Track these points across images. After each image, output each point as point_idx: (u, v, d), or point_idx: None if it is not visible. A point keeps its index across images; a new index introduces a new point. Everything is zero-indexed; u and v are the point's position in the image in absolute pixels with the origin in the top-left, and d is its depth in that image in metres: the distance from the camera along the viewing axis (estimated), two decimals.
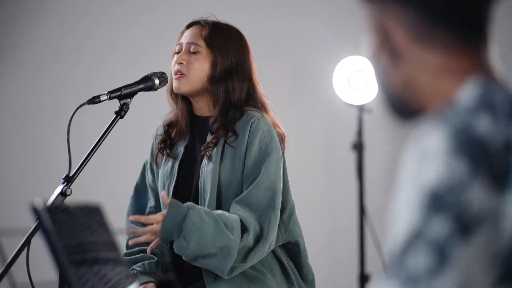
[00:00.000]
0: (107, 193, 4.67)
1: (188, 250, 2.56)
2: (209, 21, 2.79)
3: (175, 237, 2.56)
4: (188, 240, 2.54)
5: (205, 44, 2.74)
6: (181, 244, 2.55)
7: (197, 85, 2.74)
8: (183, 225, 2.54)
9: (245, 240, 2.60)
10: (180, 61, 2.74)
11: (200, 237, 2.54)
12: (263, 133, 2.68)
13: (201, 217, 2.55)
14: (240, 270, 2.62)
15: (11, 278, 2.24)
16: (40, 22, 4.98)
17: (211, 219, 2.57)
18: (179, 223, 2.54)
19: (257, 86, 2.78)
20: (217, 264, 2.58)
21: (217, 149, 2.70)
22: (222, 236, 2.56)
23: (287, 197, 2.76)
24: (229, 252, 2.57)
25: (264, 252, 2.65)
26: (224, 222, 2.57)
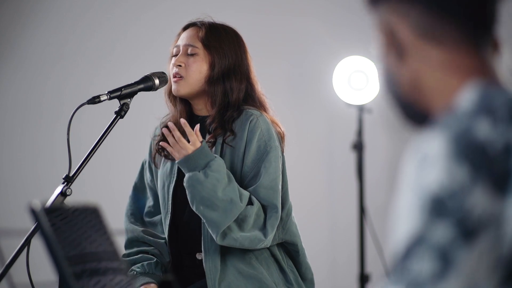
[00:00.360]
0: (107, 193, 4.67)
1: (200, 186, 2.58)
2: (205, 22, 2.79)
3: (198, 169, 2.59)
4: (207, 177, 2.57)
5: (202, 45, 2.74)
6: (199, 177, 2.58)
7: (196, 87, 2.74)
8: (210, 163, 2.59)
9: (247, 210, 2.61)
10: (178, 63, 2.74)
11: (217, 182, 2.58)
12: (262, 131, 2.68)
13: (224, 168, 2.61)
14: (230, 241, 2.60)
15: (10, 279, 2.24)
16: (40, 22, 4.98)
17: (230, 177, 2.62)
18: (207, 160, 2.60)
19: (255, 85, 2.78)
20: (215, 218, 2.58)
21: (216, 149, 2.70)
22: (233, 192, 2.59)
23: (286, 196, 2.76)
24: (231, 210, 2.58)
25: (256, 245, 2.63)
26: (238, 187, 2.62)
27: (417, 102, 1.15)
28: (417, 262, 0.99)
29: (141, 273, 2.75)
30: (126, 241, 2.84)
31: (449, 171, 1.00)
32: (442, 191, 1.00)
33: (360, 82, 4.54)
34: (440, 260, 0.98)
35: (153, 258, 2.78)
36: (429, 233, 0.99)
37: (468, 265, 0.98)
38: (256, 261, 2.71)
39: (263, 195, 2.65)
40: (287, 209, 2.76)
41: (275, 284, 2.70)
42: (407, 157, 1.07)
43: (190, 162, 2.59)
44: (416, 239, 1.00)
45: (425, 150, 1.03)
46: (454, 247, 0.98)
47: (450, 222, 0.99)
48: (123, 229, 2.85)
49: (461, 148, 1.01)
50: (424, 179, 1.02)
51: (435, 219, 0.99)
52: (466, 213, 0.98)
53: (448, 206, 0.99)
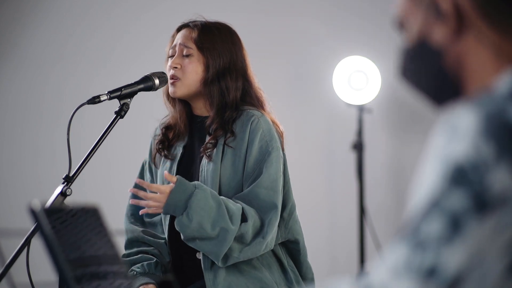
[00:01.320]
0: (107, 193, 4.67)
1: (188, 229, 2.58)
2: (198, 23, 2.79)
3: (178, 214, 2.58)
4: (190, 218, 2.57)
5: (196, 47, 2.75)
6: (183, 221, 2.58)
7: (192, 88, 2.75)
8: (188, 202, 2.57)
9: (242, 228, 2.61)
10: (174, 65, 2.75)
11: (202, 218, 2.57)
12: (264, 132, 2.68)
13: (206, 198, 2.58)
14: (233, 261, 2.63)
15: (10, 279, 2.24)
16: (40, 22, 4.98)
17: (215, 202, 2.59)
18: (185, 200, 2.58)
19: (252, 81, 2.79)
20: (212, 248, 2.60)
21: (217, 150, 2.70)
22: (222, 221, 2.58)
23: (288, 195, 2.76)
24: (225, 238, 2.58)
25: (260, 250, 2.65)
26: (226, 208, 2.60)
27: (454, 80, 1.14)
28: (428, 224, 1.00)
29: (140, 273, 2.75)
30: (126, 241, 2.84)
31: (476, 145, 1.00)
32: (465, 162, 1.00)
33: (360, 82, 4.54)
34: (449, 225, 0.99)
35: (153, 258, 2.79)
36: (445, 198, 1.00)
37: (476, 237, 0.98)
38: (258, 261, 2.71)
39: (264, 195, 2.65)
40: (290, 208, 2.76)
41: (276, 283, 2.70)
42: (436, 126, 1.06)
43: (170, 208, 2.59)
44: (431, 202, 1.01)
45: (456, 122, 1.03)
46: (466, 216, 0.99)
47: (467, 192, 0.99)
48: (123, 229, 2.85)
49: (491, 127, 1.01)
50: (451, 149, 1.02)
51: (453, 187, 1.00)
52: (485, 187, 0.99)
53: (468, 176, 0.99)
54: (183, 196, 2.58)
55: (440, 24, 1.13)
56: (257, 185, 2.65)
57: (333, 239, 4.83)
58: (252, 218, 2.62)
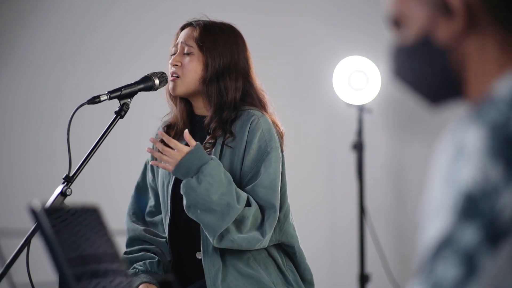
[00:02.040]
0: (107, 193, 4.68)
1: (194, 193, 2.57)
2: (200, 22, 2.79)
3: (190, 175, 2.58)
4: (199, 182, 2.57)
5: (196, 46, 2.75)
6: (192, 183, 2.57)
7: (192, 86, 2.75)
8: (201, 168, 2.57)
9: (245, 212, 2.61)
10: (174, 63, 2.76)
11: (210, 186, 2.57)
12: (263, 131, 2.68)
13: (219, 171, 2.59)
14: (227, 243, 2.61)
15: (11, 279, 2.24)
16: (40, 22, 4.98)
17: (226, 178, 2.60)
18: (199, 164, 2.58)
19: (254, 82, 2.78)
20: (212, 221, 2.59)
21: (216, 150, 2.70)
22: (229, 197, 2.58)
23: (284, 197, 2.76)
24: (228, 213, 2.58)
25: (254, 245, 2.63)
26: (236, 189, 2.60)
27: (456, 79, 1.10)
28: (442, 265, 0.99)
29: (143, 271, 2.75)
30: (127, 240, 2.85)
31: (483, 169, 0.98)
32: (475, 190, 0.98)
33: (360, 82, 4.54)
34: (464, 266, 0.98)
35: (155, 257, 2.79)
36: (457, 235, 0.98)
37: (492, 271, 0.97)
38: (254, 261, 2.71)
39: (262, 194, 2.65)
40: (285, 210, 2.76)
41: (273, 284, 2.70)
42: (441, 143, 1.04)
43: (182, 169, 2.59)
44: (444, 240, 0.99)
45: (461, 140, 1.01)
46: (480, 252, 0.97)
47: (479, 224, 0.97)
48: (123, 229, 2.85)
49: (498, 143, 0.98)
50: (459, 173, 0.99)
51: (464, 220, 0.98)
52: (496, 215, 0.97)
53: (479, 207, 0.97)
54: (198, 160, 2.58)
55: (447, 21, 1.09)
56: (257, 185, 2.65)
57: (333, 239, 4.83)
58: (255, 207, 2.63)
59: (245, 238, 2.62)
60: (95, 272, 1.42)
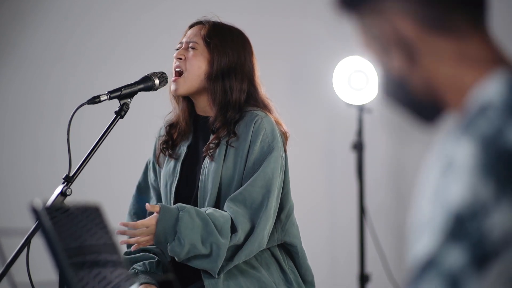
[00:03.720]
0: (107, 193, 4.68)
1: (182, 252, 2.59)
2: (211, 21, 2.81)
3: (169, 241, 2.58)
4: (182, 242, 2.57)
5: (203, 42, 2.76)
6: (176, 248, 2.59)
7: (195, 83, 2.75)
8: (176, 227, 2.57)
9: (233, 240, 2.61)
10: (178, 56, 2.76)
11: (192, 239, 2.58)
12: (266, 132, 2.68)
13: (192, 218, 2.59)
14: (227, 268, 2.63)
15: (11, 278, 2.24)
16: (40, 22, 4.98)
17: (201, 220, 2.60)
18: (172, 226, 2.58)
19: (258, 88, 2.79)
20: (208, 264, 2.61)
21: (220, 149, 2.70)
22: (212, 237, 2.59)
23: (287, 197, 2.75)
24: (218, 254, 2.59)
25: (253, 250, 2.64)
26: (214, 223, 2.60)
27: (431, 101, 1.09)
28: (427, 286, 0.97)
29: (142, 271, 2.75)
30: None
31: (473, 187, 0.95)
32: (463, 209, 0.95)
33: (360, 82, 4.54)
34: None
35: (155, 257, 2.79)
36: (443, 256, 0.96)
37: None
38: (256, 261, 2.71)
39: (256, 193, 2.65)
40: (287, 210, 2.76)
41: (275, 284, 2.70)
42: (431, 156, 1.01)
43: (160, 238, 2.59)
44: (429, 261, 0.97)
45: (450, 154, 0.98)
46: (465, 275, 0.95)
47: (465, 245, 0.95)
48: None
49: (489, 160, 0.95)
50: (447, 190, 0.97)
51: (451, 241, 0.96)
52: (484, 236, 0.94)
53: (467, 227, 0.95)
54: (170, 222, 2.58)
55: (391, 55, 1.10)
56: (251, 183, 2.65)
57: (333, 239, 4.83)
58: (241, 226, 2.62)
59: (242, 253, 2.64)
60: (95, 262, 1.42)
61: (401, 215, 4.77)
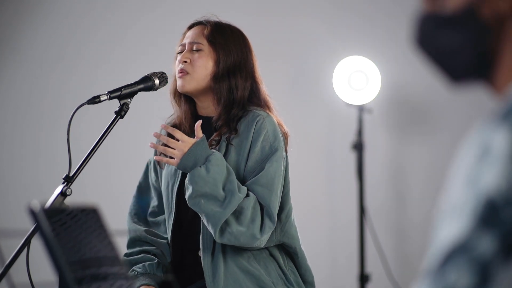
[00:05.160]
0: (107, 193, 4.68)
1: (203, 181, 2.58)
2: (211, 21, 2.81)
3: (198, 164, 2.59)
4: (208, 170, 2.58)
5: (207, 42, 2.76)
6: (201, 173, 2.58)
7: (202, 83, 2.75)
8: (210, 157, 2.59)
9: (244, 202, 2.60)
10: (184, 59, 2.75)
11: (218, 175, 2.58)
12: (268, 132, 2.69)
13: (223, 161, 2.62)
14: (227, 238, 2.59)
15: (10, 279, 2.24)
16: (41, 22, 4.98)
17: (229, 169, 2.62)
18: (206, 154, 2.60)
19: (260, 84, 2.80)
20: (216, 210, 2.58)
21: (221, 147, 2.70)
22: (231, 185, 2.60)
23: (287, 197, 2.76)
24: (230, 201, 2.58)
25: (252, 243, 2.62)
26: (236, 180, 2.62)
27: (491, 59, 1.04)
28: (456, 270, 0.95)
29: (142, 273, 2.75)
30: (128, 241, 2.85)
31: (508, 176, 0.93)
32: (497, 196, 0.94)
33: (360, 82, 4.54)
34: (478, 275, 0.94)
35: (155, 258, 2.79)
36: (474, 242, 0.94)
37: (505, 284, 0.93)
38: (254, 260, 2.71)
39: (259, 193, 2.65)
40: (287, 211, 2.76)
41: (273, 284, 2.70)
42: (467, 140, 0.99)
43: (189, 159, 2.59)
44: (459, 245, 0.95)
45: (487, 141, 0.96)
46: (495, 263, 0.94)
47: (497, 233, 0.94)
48: (123, 229, 2.85)
49: None
50: (482, 176, 0.95)
51: (483, 228, 0.94)
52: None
53: (500, 215, 0.94)
54: (205, 151, 2.60)
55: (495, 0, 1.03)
56: (254, 182, 2.65)
57: (333, 239, 4.83)
58: (254, 199, 2.63)
59: (244, 233, 2.61)
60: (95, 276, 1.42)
61: (401, 215, 4.77)
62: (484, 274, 0.94)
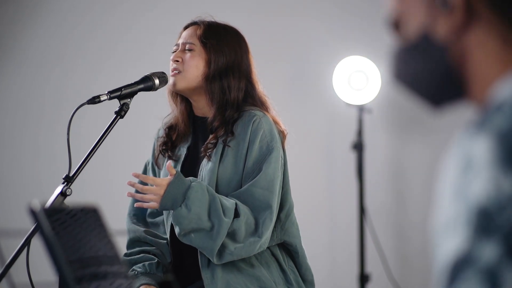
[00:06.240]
0: (107, 193, 4.68)
1: (186, 220, 2.57)
2: (205, 21, 2.81)
3: (177, 205, 2.58)
4: (189, 209, 2.57)
5: (199, 43, 2.76)
6: (182, 213, 2.57)
7: (193, 83, 2.75)
8: (186, 194, 2.57)
9: (235, 224, 2.60)
10: (175, 58, 2.76)
11: (200, 209, 2.57)
12: (265, 132, 2.69)
13: (203, 190, 2.59)
14: (227, 258, 2.62)
15: (10, 279, 2.24)
16: (40, 22, 4.98)
17: (210, 195, 2.60)
18: (183, 192, 2.58)
19: (256, 85, 2.79)
20: (207, 241, 2.59)
21: (217, 149, 2.70)
22: (216, 213, 2.58)
23: (286, 196, 2.76)
24: (218, 231, 2.58)
25: (254, 250, 2.64)
26: (220, 202, 2.60)
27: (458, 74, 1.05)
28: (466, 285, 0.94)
29: (142, 273, 2.75)
30: (128, 241, 2.85)
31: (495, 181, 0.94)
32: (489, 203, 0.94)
33: (360, 82, 4.55)
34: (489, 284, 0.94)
35: (155, 258, 2.79)
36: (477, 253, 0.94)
37: None
38: (256, 260, 2.71)
39: (259, 195, 2.65)
40: (287, 209, 2.76)
41: (274, 283, 2.70)
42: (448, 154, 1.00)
43: (168, 201, 2.59)
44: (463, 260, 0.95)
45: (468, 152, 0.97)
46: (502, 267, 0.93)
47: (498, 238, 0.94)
48: (123, 229, 2.85)
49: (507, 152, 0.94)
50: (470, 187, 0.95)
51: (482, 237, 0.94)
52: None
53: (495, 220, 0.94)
54: (181, 188, 2.58)
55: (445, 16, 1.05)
56: (253, 184, 2.65)
57: (333, 239, 4.83)
58: (245, 215, 2.62)
59: (243, 247, 2.62)
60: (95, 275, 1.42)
61: (401, 215, 4.77)
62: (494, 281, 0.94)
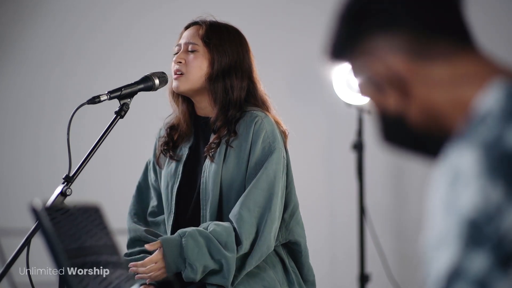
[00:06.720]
0: (107, 193, 4.68)
1: (197, 276, 2.60)
2: (207, 21, 2.80)
3: (181, 269, 2.60)
4: (194, 268, 2.59)
5: (202, 43, 2.75)
6: (189, 273, 2.59)
7: (196, 84, 2.75)
8: (184, 255, 2.59)
9: (240, 251, 2.62)
10: (179, 60, 2.75)
11: (203, 260, 2.59)
12: (267, 133, 2.68)
13: (196, 241, 2.59)
14: (240, 277, 2.64)
15: (11, 279, 2.24)
16: (40, 22, 4.98)
17: (205, 239, 2.60)
18: (179, 255, 2.59)
19: (257, 84, 2.79)
20: (220, 280, 2.62)
21: (220, 150, 2.70)
22: (219, 253, 2.59)
23: (290, 195, 2.75)
24: (228, 268, 2.60)
25: (262, 255, 2.65)
26: (217, 240, 2.60)
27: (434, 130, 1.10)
28: None
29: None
30: (128, 241, 2.85)
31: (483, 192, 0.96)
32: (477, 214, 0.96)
33: None
34: None
35: None
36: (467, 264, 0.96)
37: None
38: (262, 261, 2.71)
39: (260, 196, 2.64)
40: (291, 209, 2.76)
41: (279, 283, 2.71)
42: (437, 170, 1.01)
43: (173, 268, 2.60)
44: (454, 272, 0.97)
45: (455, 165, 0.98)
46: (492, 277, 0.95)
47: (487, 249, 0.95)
48: (124, 228, 2.85)
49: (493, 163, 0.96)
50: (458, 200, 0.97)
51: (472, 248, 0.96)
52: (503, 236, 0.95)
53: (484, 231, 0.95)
54: (176, 252, 2.60)
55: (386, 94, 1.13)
56: (254, 186, 2.65)
57: (333, 239, 4.83)
58: (245, 235, 2.62)
59: (252, 260, 2.64)
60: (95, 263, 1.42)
61: (401, 215, 4.77)
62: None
